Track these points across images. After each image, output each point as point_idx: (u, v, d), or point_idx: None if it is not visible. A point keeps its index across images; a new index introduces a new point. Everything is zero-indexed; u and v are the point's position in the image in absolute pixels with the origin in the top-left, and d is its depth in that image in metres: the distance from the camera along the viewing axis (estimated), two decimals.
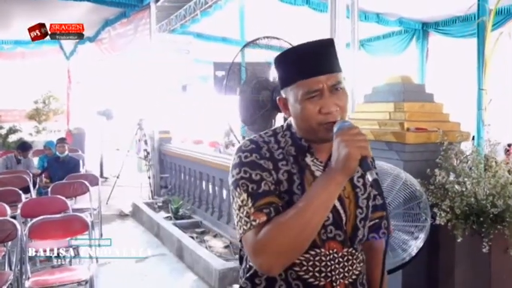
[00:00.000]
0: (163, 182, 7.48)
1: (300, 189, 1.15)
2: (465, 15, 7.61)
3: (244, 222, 1.10)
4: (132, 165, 9.07)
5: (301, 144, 1.19)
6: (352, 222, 1.21)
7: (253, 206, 1.10)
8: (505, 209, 2.42)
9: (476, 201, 2.47)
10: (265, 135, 1.23)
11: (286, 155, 1.18)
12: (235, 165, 1.16)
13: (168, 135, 7.66)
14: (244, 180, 1.13)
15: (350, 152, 1.02)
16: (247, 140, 1.21)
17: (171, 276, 4.47)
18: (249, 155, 1.15)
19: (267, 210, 1.09)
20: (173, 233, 5.19)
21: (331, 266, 1.17)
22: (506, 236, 2.41)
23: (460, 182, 2.60)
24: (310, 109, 1.13)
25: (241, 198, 1.12)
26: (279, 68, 1.22)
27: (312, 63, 1.14)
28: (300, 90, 1.13)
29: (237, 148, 1.20)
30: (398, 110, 2.75)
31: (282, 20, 7.54)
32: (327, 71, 1.14)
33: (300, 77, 1.14)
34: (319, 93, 1.12)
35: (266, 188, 1.12)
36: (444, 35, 8.10)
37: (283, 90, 1.20)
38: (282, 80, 1.21)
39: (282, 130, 1.24)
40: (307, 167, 1.18)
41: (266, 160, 1.15)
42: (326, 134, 1.12)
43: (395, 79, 2.95)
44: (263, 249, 1.06)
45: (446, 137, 2.63)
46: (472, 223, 2.44)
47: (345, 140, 1.03)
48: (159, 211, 6.46)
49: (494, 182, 2.39)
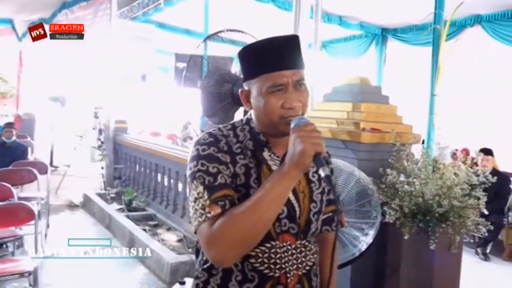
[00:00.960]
0: (117, 173, 7.28)
1: (257, 183, 1.16)
2: (422, 24, 7.91)
3: (199, 214, 1.11)
4: (84, 155, 8.76)
5: (260, 138, 1.21)
6: (306, 216, 1.24)
7: (209, 199, 1.10)
8: (449, 209, 2.54)
9: (424, 201, 2.57)
10: (225, 128, 1.24)
11: (244, 149, 1.20)
12: (193, 157, 1.17)
13: (125, 125, 7.45)
14: (201, 172, 1.13)
15: (304, 148, 1.03)
16: (206, 133, 1.22)
17: (121, 270, 4.36)
18: (206, 148, 1.16)
19: (222, 203, 1.10)
20: (125, 225, 5.07)
21: (285, 257, 1.20)
22: (450, 234, 2.53)
23: (410, 182, 2.70)
24: (273, 103, 1.14)
25: (197, 190, 1.12)
26: (243, 60, 1.22)
27: (278, 58, 1.15)
28: (264, 84, 1.14)
29: (196, 141, 1.21)
30: (356, 110, 2.82)
31: (246, 15, 7.53)
32: (292, 66, 1.16)
33: (265, 70, 1.14)
34: (283, 87, 1.14)
35: (222, 181, 1.13)
36: (401, 41, 8.39)
37: (246, 83, 1.21)
38: (245, 73, 1.21)
39: (241, 124, 1.25)
40: (264, 162, 1.20)
41: (224, 153, 1.16)
42: (286, 129, 1.13)
43: (354, 80, 3.02)
44: (216, 241, 1.07)
45: (399, 139, 2.73)
46: (419, 221, 2.55)
47: (301, 136, 1.05)
48: (111, 203, 6.28)
49: (441, 183, 2.50)
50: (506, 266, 4.99)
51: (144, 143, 6.53)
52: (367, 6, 7.56)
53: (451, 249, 2.61)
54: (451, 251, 2.61)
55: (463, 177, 2.54)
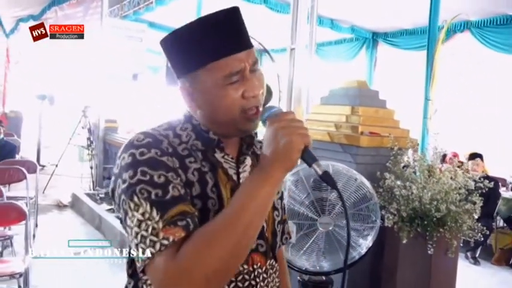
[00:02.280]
0: (107, 173, 7.19)
1: (215, 192, 0.92)
2: (412, 29, 8.01)
3: (150, 242, 0.81)
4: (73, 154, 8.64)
5: (210, 137, 0.96)
6: (271, 228, 1.04)
7: (161, 219, 0.81)
8: (446, 214, 2.56)
9: (421, 206, 2.59)
10: (160, 128, 0.96)
11: (192, 150, 0.94)
12: (127, 166, 0.86)
13: (115, 125, 7.38)
14: (144, 184, 0.83)
15: (292, 141, 0.82)
16: (140, 133, 0.92)
17: (111, 271, 4.30)
18: (146, 151, 0.87)
19: (182, 223, 0.82)
20: (116, 226, 5.00)
21: (256, 285, 0.97)
22: (447, 238, 2.55)
23: (407, 186, 2.72)
24: (232, 95, 0.90)
25: (140, 210, 0.82)
26: (176, 50, 0.93)
27: (228, 38, 0.90)
28: (216, 74, 0.89)
29: (126, 144, 0.91)
30: (354, 114, 2.83)
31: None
32: (245, 46, 0.92)
33: (215, 57, 0.89)
34: (241, 74, 0.90)
35: (176, 193, 0.84)
36: (392, 45, 8.47)
37: (185, 78, 0.94)
38: (183, 65, 0.93)
39: (181, 123, 0.98)
40: (219, 164, 0.96)
41: (169, 156, 0.89)
42: (247, 125, 0.94)
43: (352, 83, 3.03)
44: (186, 276, 0.78)
45: (397, 143, 2.74)
46: (417, 226, 2.56)
47: (283, 127, 0.84)
48: (101, 203, 6.20)
49: (440, 187, 2.52)
50: (495, 269, 5.06)
51: None
52: (359, 10, 7.62)
53: (448, 254, 2.64)
54: (448, 255, 2.64)
55: (462, 182, 2.56)
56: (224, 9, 0.92)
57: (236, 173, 0.99)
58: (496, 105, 6.87)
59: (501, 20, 6.65)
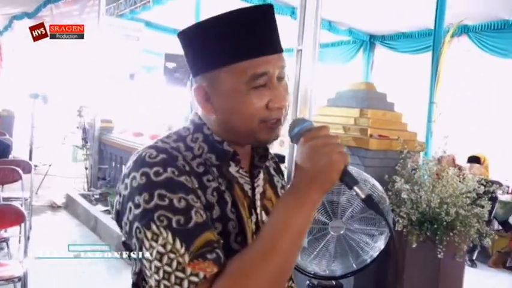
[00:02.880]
0: (102, 174, 7.10)
1: (235, 213, 0.84)
2: (409, 32, 8.04)
3: (175, 280, 0.72)
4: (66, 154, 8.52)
5: (224, 149, 0.87)
6: None
7: (187, 252, 0.72)
8: (455, 218, 2.55)
9: (430, 209, 2.58)
10: (169, 140, 0.86)
11: (207, 165, 0.85)
12: (141, 188, 0.76)
13: (110, 125, 7.29)
14: (163, 210, 0.74)
15: (332, 161, 0.75)
16: (150, 147, 0.82)
17: (109, 273, 4.23)
18: (161, 171, 0.77)
19: (212, 256, 0.73)
20: (113, 228, 4.93)
21: None
22: (457, 243, 2.54)
23: (415, 189, 2.71)
24: (255, 103, 0.81)
25: (160, 241, 0.73)
26: (197, 44, 0.84)
27: (259, 37, 0.81)
28: (240, 76, 0.81)
29: (136, 161, 0.80)
30: (363, 116, 2.81)
31: None
32: (276, 49, 0.84)
33: (242, 56, 0.80)
34: (267, 80, 0.82)
35: (199, 220, 0.75)
36: (389, 48, 8.50)
37: (204, 77, 0.85)
38: (203, 62, 0.84)
39: (190, 132, 0.88)
40: (234, 180, 0.87)
41: (187, 176, 0.79)
42: (267, 136, 0.85)
43: (359, 85, 3.02)
44: None
45: (406, 146, 2.73)
46: (426, 230, 2.54)
47: (323, 145, 0.76)
48: (96, 204, 6.12)
49: (451, 191, 2.51)
50: (492, 272, 5.09)
51: (132, 143, 6.39)
52: (357, 13, 7.63)
53: (456, 258, 2.62)
54: (456, 259, 2.63)
55: (472, 186, 2.55)
56: (258, 5, 0.84)
57: (252, 188, 0.90)
58: (493, 108, 6.92)
59: (498, 25, 6.71)
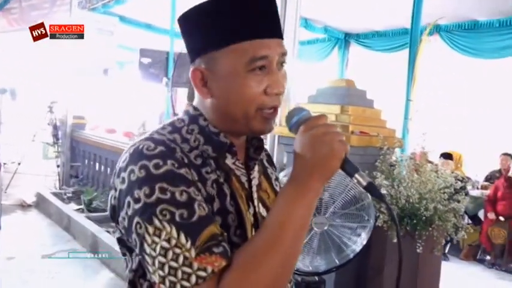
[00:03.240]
0: (74, 171, 6.92)
1: (233, 205, 0.83)
2: (384, 31, 8.17)
3: (182, 275, 0.70)
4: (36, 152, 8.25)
5: (220, 140, 0.84)
6: None
7: (193, 246, 0.70)
8: (434, 213, 2.61)
9: (410, 205, 2.62)
10: (164, 131, 0.84)
11: (205, 157, 0.83)
12: (140, 181, 0.74)
13: (83, 121, 7.11)
14: (165, 204, 0.72)
15: (334, 149, 0.74)
16: (147, 139, 0.79)
17: (84, 273, 4.13)
18: (161, 163, 0.75)
19: (219, 249, 0.72)
20: (87, 227, 4.81)
21: None
22: (435, 237, 2.60)
23: (394, 185, 2.75)
24: (253, 86, 0.79)
25: (163, 235, 0.71)
26: (197, 24, 0.82)
27: (260, 19, 0.80)
28: (239, 57, 0.78)
29: (133, 154, 0.77)
30: (344, 113, 2.83)
31: None
32: (276, 33, 0.82)
33: (241, 37, 0.78)
34: (267, 63, 0.80)
35: (202, 213, 0.74)
36: (364, 47, 8.61)
37: (202, 59, 0.82)
38: (201, 42, 0.82)
39: (186, 124, 0.86)
40: (231, 172, 0.86)
41: (187, 168, 0.77)
42: (262, 125, 0.83)
43: (340, 82, 3.04)
44: None
45: (386, 142, 2.76)
46: (406, 225, 2.59)
47: (323, 134, 0.75)
48: (68, 202, 5.96)
49: (430, 186, 2.56)
50: (464, 264, 5.25)
51: (105, 140, 6.25)
52: (332, 11, 7.69)
53: (434, 252, 2.68)
54: (434, 253, 2.68)
55: (450, 181, 2.61)
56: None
57: (248, 180, 0.89)
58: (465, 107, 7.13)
59: (469, 25, 6.90)
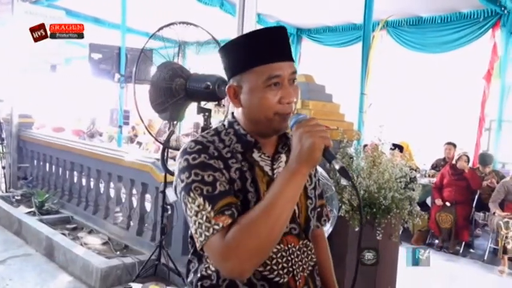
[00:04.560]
0: (22, 173, 6.59)
1: (253, 187, 1.12)
2: (335, 26, 8.40)
3: (205, 228, 1.03)
4: None
5: (248, 139, 1.16)
6: (304, 214, 1.22)
7: (212, 210, 1.03)
8: (391, 201, 2.75)
9: (369, 195, 2.75)
10: (208, 134, 1.18)
11: (234, 152, 1.14)
12: (183, 168, 1.09)
13: (30, 120, 6.77)
14: (197, 183, 1.06)
15: (314, 143, 1.01)
16: (191, 141, 1.15)
17: (41, 279, 3.97)
18: (197, 157, 1.09)
19: (229, 212, 1.04)
20: (40, 230, 4.61)
21: (292, 260, 1.17)
22: (393, 224, 2.74)
23: (354, 176, 2.86)
24: (270, 98, 1.10)
25: (196, 203, 1.05)
26: (231, 53, 1.15)
27: (274, 48, 1.11)
28: (259, 77, 1.09)
29: (182, 151, 1.13)
30: (305, 108, 2.90)
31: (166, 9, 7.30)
32: (287, 58, 1.13)
33: (260, 61, 1.09)
34: (280, 81, 1.10)
35: (222, 189, 1.06)
36: (315, 41, 8.81)
37: (234, 79, 1.14)
38: (234, 67, 1.15)
39: (225, 128, 1.20)
40: (256, 163, 1.16)
41: (216, 159, 1.10)
42: (280, 125, 1.12)
43: (300, 77, 3.10)
44: (233, 252, 1.00)
45: (346, 135, 2.87)
46: (367, 214, 2.71)
47: (307, 131, 1.03)
48: (17, 206, 5.67)
49: (388, 176, 2.69)
50: None
51: (56, 140, 6.00)
52: (284, 6, 7.80)
53: (392, 238, 2.83)
54: (392, 240, 2.83)
55: (406, 171, 2.76)
56: (277, 26, 1.24)
57: (271, 169, 1.18)
58: (414, 99, 7.49)
59: (414, 21, 7.25)
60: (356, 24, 7.80)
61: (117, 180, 4.80)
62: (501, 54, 6.37)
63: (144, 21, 8.51)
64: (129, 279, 3.71)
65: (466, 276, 4.83)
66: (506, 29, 6.28)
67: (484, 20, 6.46)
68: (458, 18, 6.77)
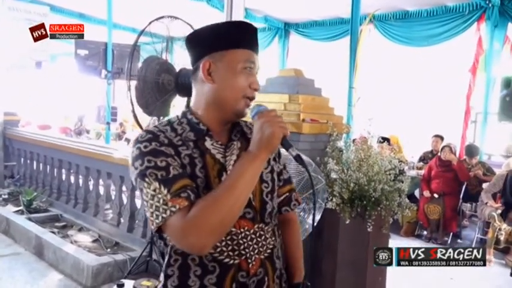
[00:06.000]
0: (9, 172, 6.51)
1: (203, 173, 1.17)
2: (322, 21, 8.41)
3: (162, 210, 1.08)
4: None
5: (200, 128, 1.21)
6: (259, 197, 1.25)
7: (169, 193, 1.08)
8: (381, 194, 2.78)
9: (359, 187, 2.77)
10: (160, 125, 1.23)
11: (185, 140, 1.19)
12: (136, 156, 1.14)
13: (16, 118, 6.67)
14: (151, 169, 1.11)
15: (274, 131, 1.11)
16: (143, 131, 1.21)
17: (31, 277, 3.93)
18: (148, 145, 1.14)
19: (185, 194, 1.09)
20: (29, 229, 4.57)
21: (244, 243, 1.19)
22: (383, 216, 2.77)
23: (344, 169, 2.89)
24: (243, 80, 1.18)
25: (151, 187, 1.10)
26: (214, 31, 1.21)
27: (253, 39, 1.21)
28: (240, 58, 1.17)
29: (134, 140, 1.19)
30: (293, 102, 2.91)
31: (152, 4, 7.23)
32: (257, 52, 1.24)
33: (245, 46, 1.18)
34: (253, 67, 1.19)
35: (176, 172, 1.11)
36: (303, 36, 8.81)
37: (212, 56, 1.19)
38: (216, 43, 1.19)
39: (178, 119, 1.25)
40: (207, 151, 1.20)
41: (166, 146, 1.15)
42: (243, 108, 1.20)
43: (289, 72, 3.12)
44: (194, 228, 1.06)
45: (335, 129, 2.89)
46: (357, 206, 2.74)
47: (268, 121, 1.12)
48: (5, 204, 5.60)
49: (377, 169, 2.72)
50: (404, 240, 5.62)
51: (44, 137, 5.93)
52: (272, 1, 7.79)
53: (382, 230, 2.86)
54: (382, 232, 2.87)
55: (395, 164, 2.79)
56: (251, 23, 1.25)
57: (223, 157, 1.22)
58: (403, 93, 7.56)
59: (400, 15, 7.29)
60: (343, 18, 7.83)
61: (107, 177, 4.77)
62: (486, 48, 6.44)
63: (130, 17, 8.43)
64: (120, 276, 3.69)
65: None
66: (490, 22, 6.36)
67: (469, 14, 6.53)
68: (444, 11, 6.82)
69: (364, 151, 2.93)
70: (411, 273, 3.98)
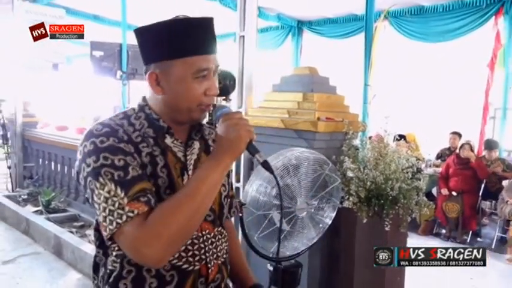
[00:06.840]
0: (28, 172, 6.62)
1: (165, 172, 1.09)
2: (335, 18, 8.35)
3: (117, 215, 0.97)
4: None
5: (160, 125, 1.12)
6: (218, 200, 1.22)
7: (126, 196, 0.98)
8: (399, 192, 2.74)
9: (376, 186, 2.74)
10: (116, 118, 1.11)
11: (145, 137, 1.10)
12: (90, 152, 1.01)
13: (34, 119, 6.79)
14: (107, 167, 0.99)
15: (240, 135, 1.04)
16: (98, 123, 1.08)
17: (50, 276, 4.00)
18: (105, 140, 1.02)
19: (145, 199, 0.99)
20: (48, 229, 4.65)
21: (205, 247, 1.15)
22: (401, 215, 2.73)
23: (360, 168, 2.85)
24: (196, 89, 1.08)
25: (106, 189, 0.98)
26: (154, 38, 1.08)
27: (205, 40, 1.08)
28: (187, 68, 1.06)
29: (87, 133, 1.06)
30: (308, 100, 2.89)
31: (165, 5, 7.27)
32: (214, 50, 1.11)
33: (190, 53, 1.06)
34: (207, 73, 1.09)
35: (135, 174, 1.01)
36: (316, 33, 8.76)
37: (157, 65, 1.08)
38: (159, 52, 1.08)
39: (135, 112, 1.14)
40: (168, 149, 1.13)
41: (126, 143, 1.04)
42: (199, 116, 1.13)
43: (303, 70, 3.09)
44: (153, 239, 0.96)
45: (351, 127, 2.86)
46: (374, 205, 2.70)
47: (234, 124, 1.05)
48: (24, 205, 5.71)
49: (394, 167, 2.68)
50: (422, 239, 5.55)
51: (62, 138, 6.02)
52: None
53: (400, 229, 2.82)
54: (400, 231, 2.83)
55: (413, 162, 2.75)
56: (204, 16, 1.10)
57: (184, 155, 1.16)
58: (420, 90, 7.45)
59: (415, 10, 7.19)
60: (357, 15, 7.75)
61: None
62: (504, 42, 6.31)
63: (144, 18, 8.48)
64: None
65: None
66: (509, 16, 6.23)
67: (487, 7, 6.40)
68: (461, 6, 6.70)
69: (380, 149, 2.89)
70: (430, 273, 3.92)
